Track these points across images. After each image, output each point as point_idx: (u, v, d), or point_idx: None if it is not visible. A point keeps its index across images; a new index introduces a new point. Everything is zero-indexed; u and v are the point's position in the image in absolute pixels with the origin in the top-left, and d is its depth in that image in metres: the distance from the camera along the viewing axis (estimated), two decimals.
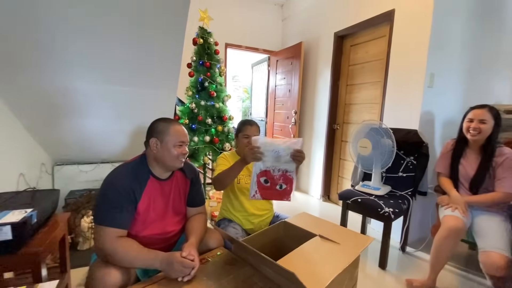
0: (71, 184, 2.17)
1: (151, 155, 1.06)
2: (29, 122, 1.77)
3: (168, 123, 1.07)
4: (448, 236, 1.44)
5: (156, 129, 1.06)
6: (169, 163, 1.07)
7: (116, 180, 0.99)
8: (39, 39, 1.41)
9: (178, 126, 1.09)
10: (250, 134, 1.46)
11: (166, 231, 1.10)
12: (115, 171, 1.02)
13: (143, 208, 1.02)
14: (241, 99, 6.95)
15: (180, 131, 1.08)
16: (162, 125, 1.06)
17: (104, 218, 0.93)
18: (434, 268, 1.51)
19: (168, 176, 1.12)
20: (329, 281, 0.86)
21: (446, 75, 2.10)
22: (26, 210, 1.02)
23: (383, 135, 1.87)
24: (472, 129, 1.55)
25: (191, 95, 2.55)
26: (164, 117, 1.13)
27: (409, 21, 2.10)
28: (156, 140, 1.04)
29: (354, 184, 2.21)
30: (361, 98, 2.74)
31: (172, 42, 1.69)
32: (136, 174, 1.03)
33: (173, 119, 1.13)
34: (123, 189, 0.97)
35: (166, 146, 1.04)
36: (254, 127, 1.50)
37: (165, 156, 1.05)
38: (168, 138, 1.04)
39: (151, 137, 1.05)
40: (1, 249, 0.90)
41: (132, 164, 1.06)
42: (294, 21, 3.72)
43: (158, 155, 1.05)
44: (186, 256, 0.92)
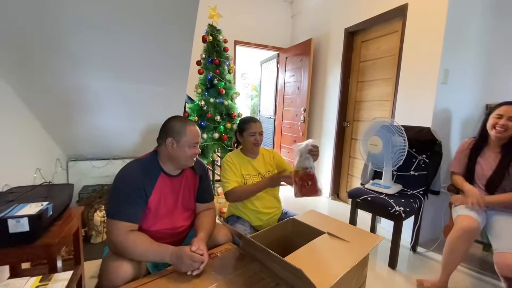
0: (84, 179, 2.23)
1: (165, 153, 1.08)
2: (46, 120, 1.83)
3: (184, 123, 1.08)
4: (461, 237, 1.40)
5: (173, 129, 1.07)
6: (183, 162, 1.09)
7: (128, 176, 1.01)
8: (56, 39, 1.44)
9: (193, 127, 1.10)
10: (256, 131, 1.48)
11: (176, 226, 1.12)
12: (127, 167, 1.04)
13: (153, 204, 1.05)
14: (249, 96, 6.95)
15: (195, 132, 1.10)
16: (179, 125, 1.07)
17: (116, 212, 0.96)
18: (446, 269, 1.48)
19: (179, 173, 1.14)
20: (337, 279, 0.86)
21: (461, 71, 2.03)
22: (42, 203, 1.06)
23: (394, 132, 1.84)
24: (500, 126, 1.47)
25: (200, 92, 2.56)
26: (179, 116, 1.15)
27: (423, 16, 2.04)
28: (173, 140, 1.06)
29: (364, 182, 2.18)
30: (372, 95, 2.69)
31: (182, 39, 1.70)
32: (148, 170, 1.06)
33: (188, 119, 1.14)
34: (135, 184, 1.00)
35: (182, 146, 1.06)
36: (258, 123, 1.52)
37: (180, 156, 1.07)
38: (184, 138, 1.06)
39: (168, 137, 1.06)
40: (19, 240, 0.94)
41: (144, 160, 1.09)
42: (304, 18, 3.67)
43: (173, 154, 1.07)
44: (195, 250, 0.94)
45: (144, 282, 0.88)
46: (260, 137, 1.50)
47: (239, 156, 1.53)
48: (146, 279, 0.89)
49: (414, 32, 2.12)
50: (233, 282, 0.89)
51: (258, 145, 1.51)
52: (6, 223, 0.91)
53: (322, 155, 3.34)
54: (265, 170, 1.53)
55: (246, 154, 1.54)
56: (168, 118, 1.13)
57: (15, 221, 0.92)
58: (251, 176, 1.49)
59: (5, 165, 1.44)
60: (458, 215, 1.50)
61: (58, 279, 0.83)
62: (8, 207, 1.00)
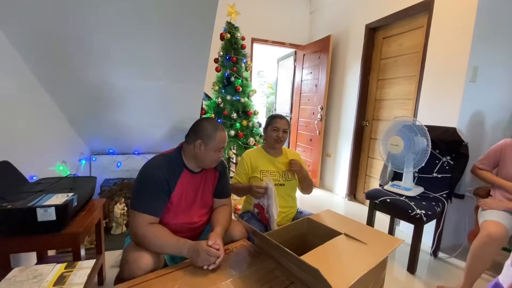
0: (106, 173, 2.32)
1: (191, 152, 1.11)
2: (72, 115, 1.92)
3: (215, 128, 1.10)
4: (487, 244, 1.33)
5: (203, 132, 1.09)
6: (207, 164, 1.13)
7: (153, 170, 1.04)
8: (82, 39, 1.51)
9: (223, 132, 1.13)
10: (279, 127, 1.48)
11: (193, 221, 1.14)
12: (152, 161, 1.07)
13: (176, 198, 1.07)
14: (265, 94, 6.93)
15: (224, 137, 1.12)
16: (210, 129, 1.09)
17: (139, 205, 0.99)
18: (470, 277, 1.40)
19: (200, 170, 1.17)
20: (354, 280, 0.84)
21: (491, 69, 1.91)
22: (68, 194, 1.11)
23: (416, 132, 1.76)
24: None
25: (217, 90, 2.58)
26: (210, 119, 1.18)
27: (451, 10, 1.93)
28: (201, 142, 1.08)
29: (383, 183, 2.12)
30: (393, 93, 2.59)
31: (201, 37, 1.72)
32: (172, 165, 1.09)
33: (219, 123, 1.16)
34: (159, 179, 1.02)
35: (209, 149, 1.09)
36: (284, 120, 1.50)
37: (205, 158, 1.10)
38: (213, 143, 1.09)
39: (197, 139, 1.08)
40: (46, 228, 1.00)
41: (169, 155, 1.12)
42: (323, 14, 3.60)
43: (199, 155, 1.09)
44: (211, 245, 0.95)
45: (162, 273, 0.90)
46: (283, 135, 1.48)
47: (259, 153, 1.53)
48: (163, 271, 0.92)
49: (441, 27, 2.01)
50: (247, 278, 0.89)
51: (280, 142, 1.49)
52: (35, 212, 0.97)
53: (339, 155, 3.28)
54: (285, 169, 1.52)
55: (267, 151, 1.54)
56: (200, 119, 1.15)
57: (43, 210, 0.97)
58: (268, 173, 1.47)
59: (34, 157, 1.52)
60: (485, 220, 1.42)
61: (82, 267, 0.87)
62: (36, 197, 1.06)
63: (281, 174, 1.50)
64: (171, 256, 1.09)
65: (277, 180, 1.47)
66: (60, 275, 0.82)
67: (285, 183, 1.48)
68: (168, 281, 0.87)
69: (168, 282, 0.86)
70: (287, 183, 1.49)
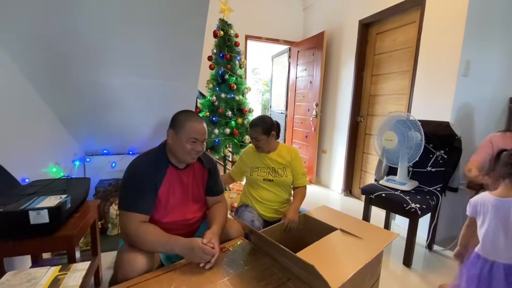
0: (101, 174, 2.30)
1: (168, 145, 1.10)
2: (64, 116, 1.89)
3: (187, 117, 1.07)
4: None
5: (174, 121, 1.08)
6: (180, 155, 1.08)
7: (138, 168, 1.03)
8: (73, 38, 1.48)
9: (196, 123, 1.07)
10: (252, 136, 1.53)
11: (186, 218, 1.13)
12: (136, 160, 1.06)
13: (163, 195, 1.06)
14: (260, 92, 6.91)
15: (195, 128, 1.07)
16: (181, 119, 1.07)
17: (127, 204, 0.98)
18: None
19: (186, 166, 1.15)
20: (350, 276, 0.84)
21: (483, 62, 1.93)
22: (61, 196, 1.10)
23: (410, 127, 1.78)
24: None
25: (211, 88, 2.57)
26: (188, 110, 1.14)
27: (443, 5, 1.94)
28: (173, 132, 1.07)
29: (378, 178, 2.13)
30: (387, 88, 2.61)
31: (194, 35, 1.71)
32: (156, 162, 1.08)
33: (196, 114, 1.14)
34: (145, 176, 1.02)
35: (179, 139, 1.05)
36: (253, 129, 1.50)
37: (177, 149, 1.07)
38: (182, 132, 1.05)
39: (169, 128, 1.08)
40: (39, 231, 0.98)
41: (152, 153, 1.11)
42: (316, 10, 3.59)
43: (172, 146, 1.08)
44: (206, 243, 0.95)
45: (158, 274, 0.90)
46: (256, 143, 1.52)
47: (252, 150, 1.61)
48: (159, 271, 0.91)
49: (433, 22, 2.02)
50: (244, 276, 0.89)
51: (259, 149, 1.54)
52: (27, 214, 0.95)
53: (334, 151, 3.29)
54: (275, 166, 1.54)
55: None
56: (178, 112, 1.13)
57: (35, 213, 0.96)
58: (258, 170, 1.54)
59: (26, 159, 1.50)
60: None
61: (77, 269, 0.86)
62: (28, 200, 1.04)
63: (270, 170, 1.53)
64: (166, 256, 1.09)
65: (265, 176, 1.53)
66: (54, 278, 0.81)
67: (274, 179, 1.52)
68: (165, 281, 0.86)
69: (165, 281, 0.86)
70: (276, 179, 1.52)
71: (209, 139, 2.44)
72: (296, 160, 1.56)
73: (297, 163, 1.56)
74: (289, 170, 1.54)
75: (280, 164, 1.53)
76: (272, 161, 1.54)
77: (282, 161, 1.54)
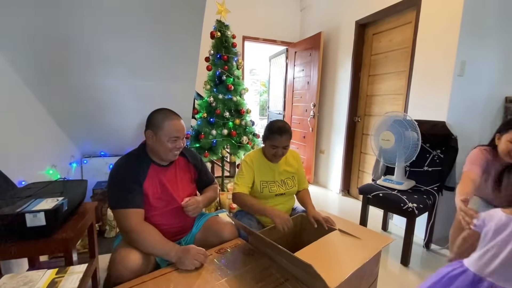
0: (98, 176, 2.29)
1: (148, 145, 1.11)
2: (60, 118, 1.88)
3: (164, 116, 1.08)
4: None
5: (151, 122, 1.09)
6: (163, 155, 1.10)
7: (120, 168, 1.06)
8: (69, 39, 1.47)
9: (173, 121, 1.09)
10: (278, 145, 1.31)
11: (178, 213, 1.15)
12: (119, 161, 1.09)
13: (149, 190, 1.07)
14: (258, 92, 6.93)
15: (175, 126, 1.08)
16: (157, 119, 1.08)
17: (120, 202, 1.00)
18: None
19: (169, 163, 1.17)
20: (348, 275, 0.85)
21: (479, 62, 1.95)
22: (58, 198, 1.09)
23: (407, 127, 1.79)
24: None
25: (209, 89, 2.56)
26: (163, 109, 1.14)
27: (438, 5, 1.96)
28: (151, 133, 1.07)
29: (376, 178, 2.14)
30: (384, 89, 2.62)
31: (190, 36, 1.70)
32: (138, 160, 1.09)
33: (172, 112, 1.13)
34: (128, 173, 1.04)
35: (160, 139, 1.07)
36: (285, 136, 1.30)
37: (159, 148, 1.08)
38: (162, 132, 1.06)
39: (147, 129, 1.09)
40: (36, 234, 0.97)
41: (133, 152, 1.13)
42: (313, 11, 3.61)
43: (153, 146, 1.09)
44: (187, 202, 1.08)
45: (156, 275, 0.90)
46: (282, 151, 1.33)
47: (260, 158, 1.40)
48: (157, 273, 0.91)
49: (429, 22, 2.04)
50: (242, 277, 0.89)
51: (279, 158, 1.38)
52: (23, 217, 0.94)
53: (332, 151, 3.30)
54: (285, 177, 1.42)
55: (267, 156, 1.41)
56: (153, 111, 1.13)
57: (32, 216, 0.95)
58: (268, 185, 1.37)
59: (22, 162, 1.49)
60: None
61: (74, 272, 0.86)
62: (25, 202, 1.03)
63: (280, 184, 1.41)
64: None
65: (277, 190, 1.39)
66: (51, 281, 0.80)
67: (285, 192, 1.41)
68: (163, 283, 0.86)
69: (163, 283, 0.86)
70: (288, 191, 1.42)
71: (207, 140, 2.44)
72: (301, 165, 1.50)
73: (301, 167, 1.50)
74: (297, 178, 1.47)
75: (289, 174, 1.44)
76: (282, 172, 1.42)
77: (291, 170, 1.44)
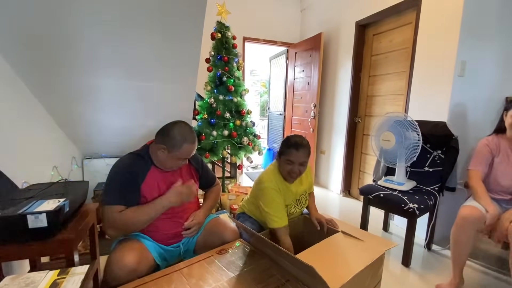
0: (99, 177, 2.29)
1: (155, 152, 1.11)
2: (61, 119, 1.88)
3: (183, 138, 1.08)
4: (462, 226, 1.39)
5: (170, 140, 1.07)
6: (168, 168, 1.14)
7: (119, 165, 1.07)
8: (69, 40, 1.48)
9: (191, 145, 1.11)
10: (295, 161, 1.19)
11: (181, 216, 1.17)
12: (120, 160, 1.10)
13: (147, 192, 1.08)
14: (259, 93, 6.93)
15: (190, 150, 1.12)
16: (177, 139, 1.07)
17: (110, 198, 1.02)
18: (456, 264, 1.45)
19: None
20: (350, 277, 0.85)
21: (479, 62, 1.95)
22: (59, 199, 1.09)
23: (407, 128, 1.79)
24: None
25: (209, 90, 2.57)
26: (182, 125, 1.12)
27: (438, 5, 1.96)
28: (165, 149, 1.08)
29: (376, 179, 2.14)
30: (385, 89, 2.62)
31: (191, 37, 1.71)
32: (139, 161, 1.10)
33: (191, 133, 1.11)
34: (125, 170, 1.05)
35: (171, 157, 1.09)
36: (302, 151, 1.19)
37: (166, 163, 1.11)
38: (177, 153, 1.08)
39: (163, 144, 1.07)
40: (38, 235, 0.97)
41: (135, 153, 1.13)
42: (313, 12, 3.61)
43: (160, 158, 1.10)
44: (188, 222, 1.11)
45: (157, 276, 0.90)
46: (300, 168, 1.21)
47: (280, 182, 1.25)
48: (158, 274, 0.91)
49: (429, 23, 2.04)
50: (243, 278, 0.90)
51: (295, 177, 1.24)
52: (25, 218, 0.95)
53: (333, 152, 3.30)
54: (300, 196, 1.34)
55: (283, 175, 1.27)
56: (172, 123, 1.12)
57: (34, 217, 0.95)
58: (288, 208, 1.29)
59: (24, 163, 1.49)
60: (462, 206, 1.48)
61: (76, 273, 0.86)
62: (27, 204, 1.03)
63: (296, 203, 1.34)
64: (161, 256, 1.08)
65: (294, 212, 1.33)
66: (53, 282, 0.80)
67: (300, 210, 1.37)
68: (164, 284, 0.86)
69: (164, 284, 0.86)
70: (302, 208, 1.39)
71: (208, 141, 2.44)
72: (310, 175, 1.42)
73: (311, 178, 1.42)
74: (307, 193, 1.41)
75: (304, 191, 1.36)
76: (297, 192, 1.32)
77: (305, 187, 1.36)
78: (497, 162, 1.52)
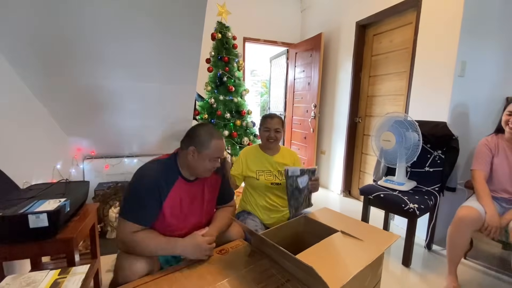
0: (100, 177, 2.30)
1: (184, 159, 1.05)
2: (62, 120, 1.89)
3: (211, 135, 1.04)
4: (459, 226, 1.40)
5: (197, 139, 1.03)
6: (200, 173, 1.07)
7: (144, 177, 1.00)
8: (71, 41, 1.48)
9: (219, 140, 1.06)
10: (270, 127, 1.46)
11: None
12: (144, 167, 1.03)
13: (168, 208, 1.02)
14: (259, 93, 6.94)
15: (220, 146, 1.06)
16: (204, 137, 1.03)
17: (127, 213, 0.96)
18: (451, 263, 1.47)
19: (196, 178, 1.11)
20: (350, 277, 0.85)
21: (479, 62, 1.95)
22: (60, 199, 1.10)
23: (408, 128, 1.79)
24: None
25: (210, 90, 2.58)
26: (205, 124, 1.11)
27: (438, 5, 1.96)
28: (195, 149, 1.02)
29: (377, 179, 2.14)
30: (385, 89, 2.62)
31: (191, 38, 1.71)
32: (165, 172, 1.04)
33: (215, 130, 1.09)
34: (150, 186, 0.98)
35: (202, 157, 1.03)
36: (275, 119, 1.47)
37: (198, 166, 1.04)
38: (207, 151, 1.03)
39: (191, 145, 1.03)
40: (39, 235, 0.98)
41: (163, 162, 1.07)
42: (314, 12, 3.61)
43: (192, 163, 1.04)
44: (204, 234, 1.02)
45: (157, 276, 0.90)
46: (275, 134, 1.46)
47: (255, 151, 1.53)
48: (159, 274, 0.91)
49: (429, 23, 2.04)
50: (244, 278, 0.90)
51: (272, 141, 1.47)
52: (26, 218, 0.95)
53: (333, 152, 3.30)
54: (281, 168, 1.49)
55: (263, 149, 1.53)
56: (196, 125, 1.10)
57: (35, 217, 0.96)
58: (264, 173, 1.47)
59: (25, 163, 1.50)
60: (461, 206, 1.48)
61: (76, 273, 0.86)
62: (28, 204, 1.04)
63: (276, 174, 1.48)
64: (165, 259, 1.08)
65: (273, 179, 1.46)
66: (54, 282, 0.81)
67: (281, 182, 1.45)
68: (164, 284, 0.86)
69: (164, 284, 0.86)
70: (284, 182, 1.44)
71: None
72: (298, 162, 1.56)
73: (298, 164, 1.56)
74: None
75: (284, 165, 1.48)
76: (277, 163, 1.50)
77: (287, 162, 1.51)
78: (497, 161, 1.53)
